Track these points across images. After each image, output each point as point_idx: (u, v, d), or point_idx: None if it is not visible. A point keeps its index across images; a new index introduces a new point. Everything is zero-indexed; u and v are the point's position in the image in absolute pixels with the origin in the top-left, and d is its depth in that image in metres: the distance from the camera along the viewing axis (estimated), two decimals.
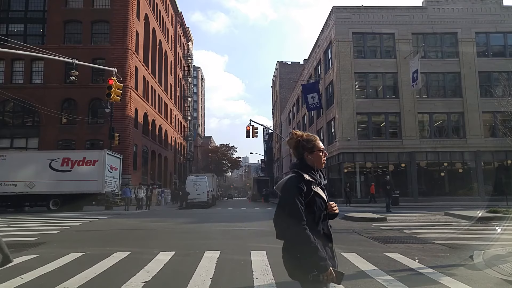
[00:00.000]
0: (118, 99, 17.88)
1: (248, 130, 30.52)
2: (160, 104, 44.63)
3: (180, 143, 59.12)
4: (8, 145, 31.56)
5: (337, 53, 29.37)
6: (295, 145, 2.41)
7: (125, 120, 31.53)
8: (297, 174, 2.27)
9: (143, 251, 7.45)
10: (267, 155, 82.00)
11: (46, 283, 5.03)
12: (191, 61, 72.35)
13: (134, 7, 34.36)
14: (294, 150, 2.42)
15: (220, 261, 6.35)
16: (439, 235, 9.05)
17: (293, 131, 2.46)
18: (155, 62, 42.90)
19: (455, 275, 5.25)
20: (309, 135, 2.43)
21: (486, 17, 29.92)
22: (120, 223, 14.00)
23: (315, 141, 2.38)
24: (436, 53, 30.46)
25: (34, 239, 9.35)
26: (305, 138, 2.40)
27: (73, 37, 33.54)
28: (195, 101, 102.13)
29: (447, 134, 29.43)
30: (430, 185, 28.83)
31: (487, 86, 29.02)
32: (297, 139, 2.41)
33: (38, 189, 21.89)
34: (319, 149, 2.37)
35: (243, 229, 11.78)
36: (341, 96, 28.74)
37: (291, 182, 2.24)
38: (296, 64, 68.76)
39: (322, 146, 2.41)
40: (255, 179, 64.15)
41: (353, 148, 28.48)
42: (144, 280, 5.09)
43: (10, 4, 33.98)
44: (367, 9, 30.16)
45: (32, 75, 32.85)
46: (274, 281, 5.01)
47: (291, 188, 2.22)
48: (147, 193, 25.90)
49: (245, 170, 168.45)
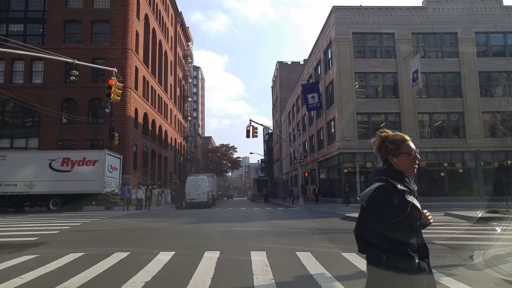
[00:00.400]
0: (118, 99, 17.87)
1: (248, 130, 30.52)
2: (160, 104, 44.63)
3: (180, 143, 59.12)
4: (8, 145, 31.56)
5: (337, 53, 29.36)
6: (378, 147, 2.07)
7: (125, 120, 31.53)
8: (386, 182, 1.94)
9: (143, 251, 7.45)
10: (267, 155, 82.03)
11: (46, 283, 5.03)
12: (191, 61, 72.35)
13: (134, 7, 34.36)
14: (378, 152, 2.07)
15: (220, 261, 6.35)
16: (439, 235, 9.06)
17: (380, 130, 2.11)
18: (155, 62, 42.90)
19: (455, 275, 5.24)
20: (396, 135, 2.06)
21: (486, 17, 29.92)
22: (120, 223, 14.00)
23: (400, 142, 2.02)
24: (436, 53, 30.46)
25: (34, 239, 9.35)
26: (390, 138, 2.04)
27: (73, 37, 33.53)
28: (195, 101, 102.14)
29: (447, 134, 29.43)
30: (430, 185, 28.80)
31: (487, 86, 29.03)
32: (382, 139, 2.06)
33: (38, 189, 21.90)
34: (406, 151, 2.00)
35: (243, 229, 11.78)
36: (341, 96, 28.74)
37: (379, 193, 1.91)
38: (296, 64, 68.76)
39: (412, 146, 2.03)
40: (255, 179, 64.14)
41: (353, 148, 28.47)
42: (144, 280, 5.09)
43: (10, 4, 33.97)
44: (367, 9, 30.16)
45: (32, 75, 32.84)
46: (274, 281, 5.00)
47: (379, 199, 1.90)
48: (147, 194, 25.84)
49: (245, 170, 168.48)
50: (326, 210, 20.89)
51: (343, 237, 9.31)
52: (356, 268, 5.78)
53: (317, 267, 5.82)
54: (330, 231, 10.58)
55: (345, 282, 4.90)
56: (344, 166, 28.76)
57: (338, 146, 28.91)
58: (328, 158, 32.44)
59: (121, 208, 24.03)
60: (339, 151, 28.84)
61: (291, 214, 18.42)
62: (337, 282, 4.91)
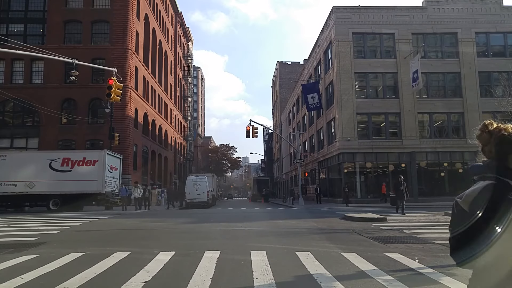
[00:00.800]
0: (118, 99, 17.87)
1: (248, 130, 30.52)
2: (160, 104, 44.64)
3: (180, 143, 59.12)
4: (8, 145, 31.57)
5: (337, 53, 29.37)
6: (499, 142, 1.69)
7: (125, 120, 31.54)
8: (498, 181, 1.59)
9: (143, 251, 7.46)
10: (267, 155, 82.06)
11: (46, 283, 5.03)
12: (191, 61, 72.36)
13: (134, 7, 34.37)
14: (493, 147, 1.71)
15: (220, 261, 6.35)
16: (439, 235, 9.06)
17: (487, 121, 1.79)
18: (155, 62, 42.91)
19: (455, 275, 5.24)
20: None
21: (486, 17, 29.92)
22: (120, 223, 14.00)
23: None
24: (436, 53, 30.47)
25: (34, 239, 9.35)
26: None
27: (73, 37, 33.54)
28: (195, 101, 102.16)
29: (447, 134, 29.43)
30: (430, 185, 28.83)
31: (487, 86, 29.04)
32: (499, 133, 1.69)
33: (38, 189, 21.89)
34: None
35: (243, 229, 11.78)
36: (341, 96, 28.74)
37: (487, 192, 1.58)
38: (296, 64, 68.77)
39: None
40: (255, 179, 64.18)
41: (353, 148, 28.48)
42: (144, 280, 5.09)
43: (10, 4, 33.99)
44: (367, 9, 30.17)
45: (32, 75, 32.85)
46: (274, 281, 5.00)
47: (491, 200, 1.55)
48: (145, 193, 25.53)
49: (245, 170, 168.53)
50: (326, 210, 20.89)
51: (343, 237, 9.31)
52: (356, 268, 5.78)
53: (317, 267, 5.82)
54: (330, 231, 10.58)
55: (345, 282, 4.90)
56: (344, 166, 28.76)
57: (338, 146, 28.91)
58: (328, 158, 32.45)
59: (121, 208, 24.02)
60: (339, 151, 28.84)
61: (291, 214, 18.42)
62: (337, 282, 4.91)
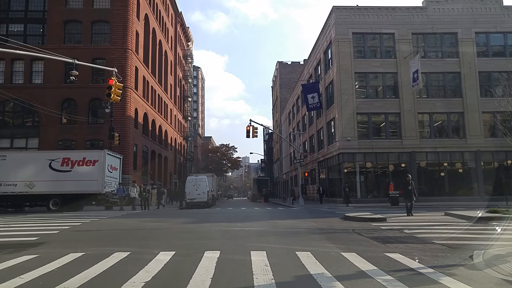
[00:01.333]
0: (118, 99, 17.88)
1: (248, 130, 30.51)
2: (160, 104, 44.63)
3: (180, 143, 59.12)
4: (8, 145, 31.54)
5: (337, 53, 29.38)
6: None
7: (125, 120, 31.53)
8: None
9: (143, 251, 7.45)
10: (267, 155, 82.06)
11: (46, 283, 5.03)
12: (191, 61, 72.34)
13: (134, 7, 34.36)
14: None
15: (220, 261, 6.35)
16: (439, 235, 9.05)
17: None
18: (155, 62, 42.90)
19: (455, 275, 5.25)
20: None
21: (486, 17, 29.93)
22: (120, 223, 14.00)
23: None
24: (436, 53, 30.47)
25: (34, 239, 9.34)
26: None
27: (73, 37, 33.52)
28: (195, 101, 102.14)
29: (447, 134, 29.44)
30: (430, 185, 28.84)
31: (487, 86, 29.06)
32: None
33: (38, 189, 21.89)
34: None
35: (243, 229, 11.77)
36: (341, 96, 28.74)
37: None
38: (296, 64, 68.77)
39: None
40: (255, 179, 64.20)
41: (353, 148, 28.49)
42: (144, 280, 5.09)
43: (10, 4, 33.95)
44: (367, 9, 30.17)
45: (32, 75, 32.83)
46: (274, 281, 5.00)
47: None
48: (144, 194, 25.34)
49: (245, 170, 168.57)
50: (326, 210, 20.89)
51: (343, 237, 9.31)
52: (356, 268, 5.78)
53: (317, 267, 5.82)
54: (330, 231, 10.57)
55: (345, 282, 4.90)
56: (344, 166, 28.76)
57: (338, 146, 28.91)
58: (328, 158, 32.45)
59: (119, 208, 23.95)
60: (339, 151, 28.84)
61: (291, 214, 18.41)
62: (337, 282, 4.91)
